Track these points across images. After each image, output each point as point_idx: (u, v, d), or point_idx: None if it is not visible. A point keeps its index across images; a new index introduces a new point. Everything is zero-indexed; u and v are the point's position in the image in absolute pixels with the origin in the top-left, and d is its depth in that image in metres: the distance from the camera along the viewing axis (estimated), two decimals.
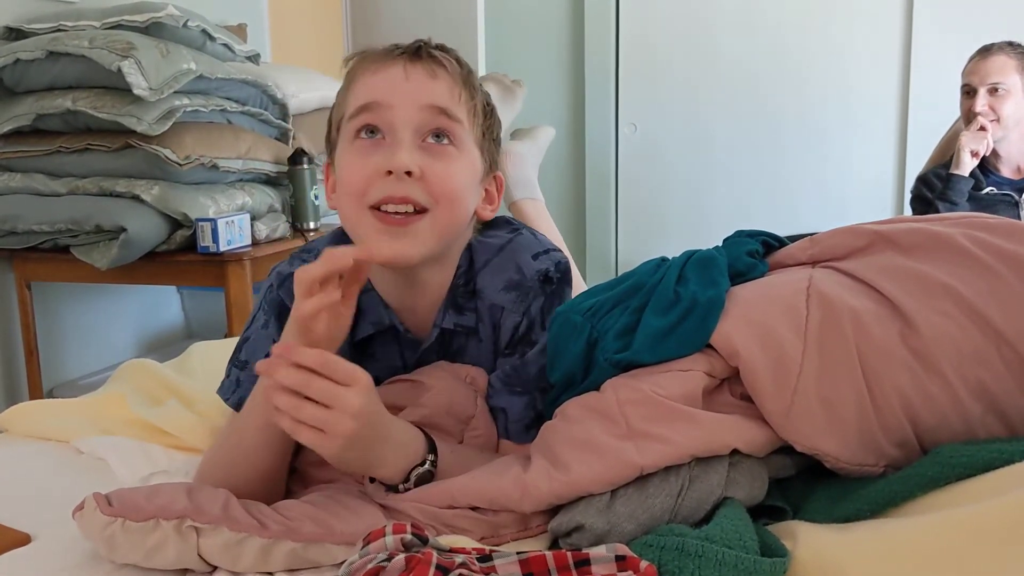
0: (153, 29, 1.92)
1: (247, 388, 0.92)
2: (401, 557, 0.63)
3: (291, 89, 2.42)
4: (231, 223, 1.90)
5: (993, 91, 2.38)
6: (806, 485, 0.82)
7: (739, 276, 0.90)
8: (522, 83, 1.91)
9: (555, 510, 0.77)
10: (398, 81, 0.88)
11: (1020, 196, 2.41)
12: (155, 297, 2.53)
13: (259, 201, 2.09)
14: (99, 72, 1.79)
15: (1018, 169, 2.47)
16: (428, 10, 3.46)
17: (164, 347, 2.47)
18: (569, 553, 0.66)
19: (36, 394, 2.04)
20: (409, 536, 0.66)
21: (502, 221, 1.02)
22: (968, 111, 2.43)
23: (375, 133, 0.88)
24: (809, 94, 3.61)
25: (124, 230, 1.80)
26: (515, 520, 0.78)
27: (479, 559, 0.67)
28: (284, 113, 2.34)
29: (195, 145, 1.90)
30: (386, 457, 0.80)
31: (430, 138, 0.88)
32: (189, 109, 1.91)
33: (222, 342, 1.50)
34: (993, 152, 2.45)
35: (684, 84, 3.71)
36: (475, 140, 0.92)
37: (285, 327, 0.83)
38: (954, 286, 0.80)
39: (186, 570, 0.75)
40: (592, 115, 3.81)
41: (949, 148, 2.55)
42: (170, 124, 1.83)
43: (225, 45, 2.16)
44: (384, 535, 0.66)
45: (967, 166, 2.41)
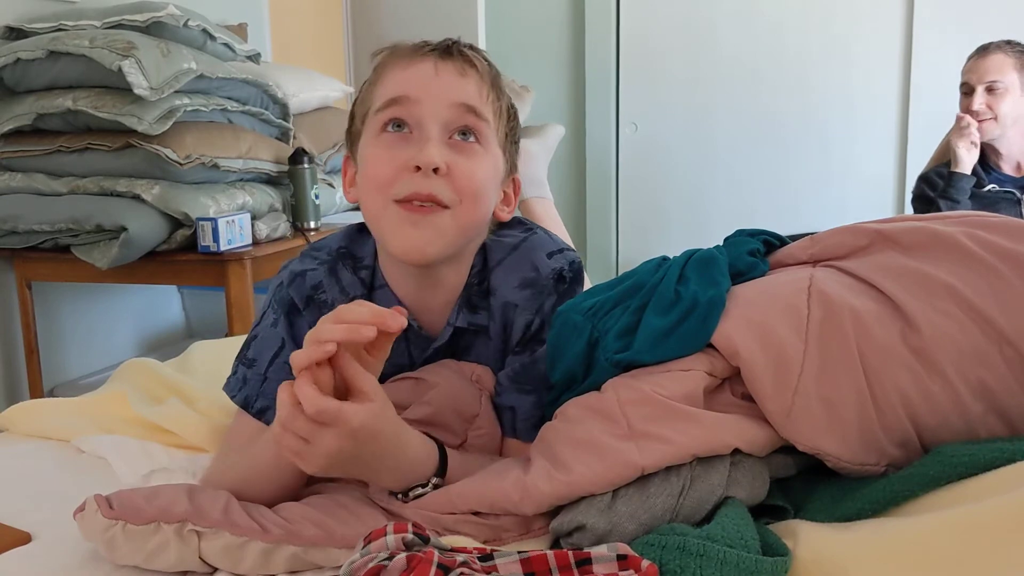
0: (154, 29, 1.92)
1: (253, 386, 0.92)
2: (402, 556, 0.63)
3: (291, 89, 2.42)
4: (232, 223, 1.90)
5: (991, 89, 2.39)
6: (807, 484, 0.82)
7: (740, 275, 0.90)
8: (530, 88, 1.91)
9: (556, 511, 0.76)
10: (428, 77, 0.87)
11: (1022, 193, 2.42)
12: (155, 297, 2.52)
13: (260, 201, 2.08)
14: (100, 72, 1.79)
15: (1019, 166, 2.47)
16: (429, 10, 3.46)
17: (165, 347, 2.46)
18: (570, 552, 0.66)
19: (37, 394, 2.03)
20: (410, 535, 0.66)
21: (515, 221, 1.01)
22: (964, 110, 2.43)
23: (402, 127, 0.87)
24: (810, 93, 3.62)
25: (125, 229, 1.79)
26: (517, 523, 0.78)
27: (480, 558, 0.67)
28: (285, 113, 2.34)
29: (196, 145, 1.90)
30: (381, 475, 0.79)
31: (457, 135, 0.88)
32: (190, 109, 1.90)
33: (223, 341, 1.50)
34: (994, 150, 2.46)
35: (685, 83, 3.71)
36: (499, 141, 0.92)
37: None
38: (955, 285, 0.79)
39: (187, 572, 0.75)
40: (593, 115, 3.81)
41: (950, 147, 2.55)
42: (171, 124, 1.83)
43: (226, 45, 2.16)
44: (385, 534, 0.66)
45: (967, 162, 2.41)
